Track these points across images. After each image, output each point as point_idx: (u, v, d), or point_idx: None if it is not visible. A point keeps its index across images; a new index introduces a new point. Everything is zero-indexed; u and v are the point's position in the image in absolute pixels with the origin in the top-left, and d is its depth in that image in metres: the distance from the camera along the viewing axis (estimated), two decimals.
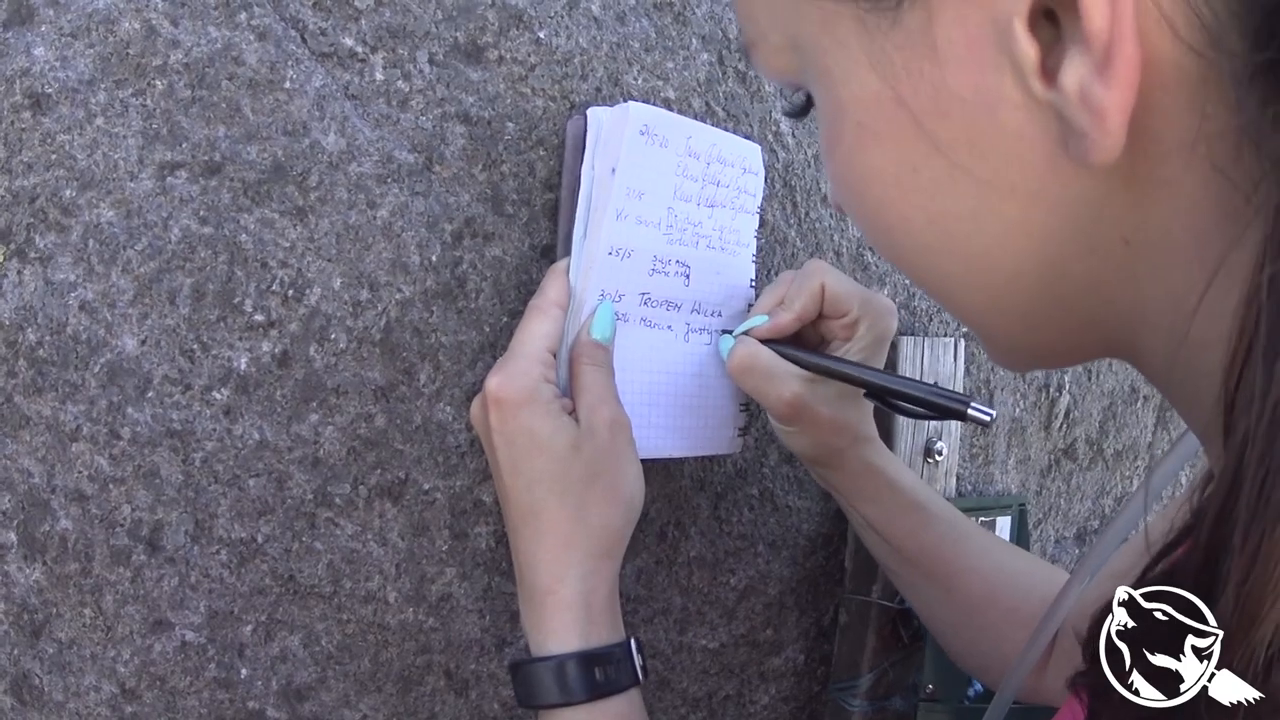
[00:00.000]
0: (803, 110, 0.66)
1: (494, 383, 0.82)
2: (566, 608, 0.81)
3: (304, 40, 0.82)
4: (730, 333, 0.98)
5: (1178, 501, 0.82)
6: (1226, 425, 0.44)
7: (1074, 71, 0.46)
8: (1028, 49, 0.47)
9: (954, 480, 1.23)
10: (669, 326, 0.94)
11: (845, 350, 0.96)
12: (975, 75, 0.50)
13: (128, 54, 0.77)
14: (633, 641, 0.84)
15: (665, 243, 0.91)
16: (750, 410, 1.04)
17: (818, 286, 0.95)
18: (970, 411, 0.89)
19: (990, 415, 0.89)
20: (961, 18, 0.49)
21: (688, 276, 0.94)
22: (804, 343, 0.97)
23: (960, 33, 0.49)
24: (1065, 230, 0.53)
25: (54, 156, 0.75)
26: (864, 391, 0.96)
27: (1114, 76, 0.45)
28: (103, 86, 0.76)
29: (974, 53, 0.49)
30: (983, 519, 1.26)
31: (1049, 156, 0.50)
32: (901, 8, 0.51)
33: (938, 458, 1.18)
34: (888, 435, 1.14)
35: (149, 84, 0.77)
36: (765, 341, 0.96)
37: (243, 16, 0.79)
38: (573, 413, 0.85)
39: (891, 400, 0.95)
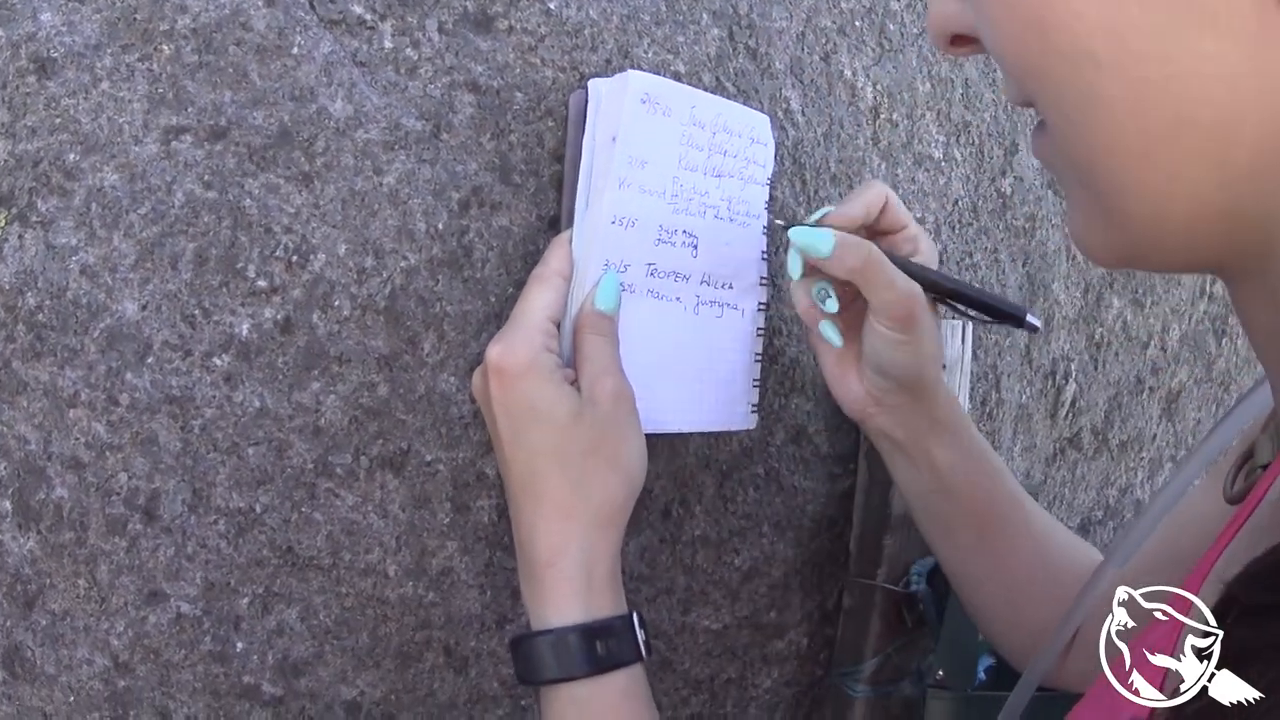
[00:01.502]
0: None
1: (495, 352, 0.82)
2: (566, 580, 0.81)
3: (312, 6, 0.81)
4: (792, 226, 0.94)
5: (1203, 487, 0.80)
6: None
7: None
8: None
9: None
10: (678, 298, 0.94)
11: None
12: None
13: (135, 19, 0.77)
14: (635, 616, 0.83)
15: (671, 212, 0.91)
16: (762, 386, 1.03)
17: (880, 194, 0.93)
18: (1027, 319, 0.94)
19: (1039, 324, 0.93)
20: None
21: (695, 247, 0.94)
22: None
23: None
24: (1253, 86, 0.49)
25: (58, 121, 0.75)
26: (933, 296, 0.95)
27: None
28: (109, 51, 0.76)
29: None
30: None
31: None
32: None
33: None
34: None
35: (155, 49, 0.77)
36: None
37: None
38: (575, 383, 0.85)
39: (957, 304, 0.97)
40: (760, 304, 1.00)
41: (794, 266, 0.94)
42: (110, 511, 0.79)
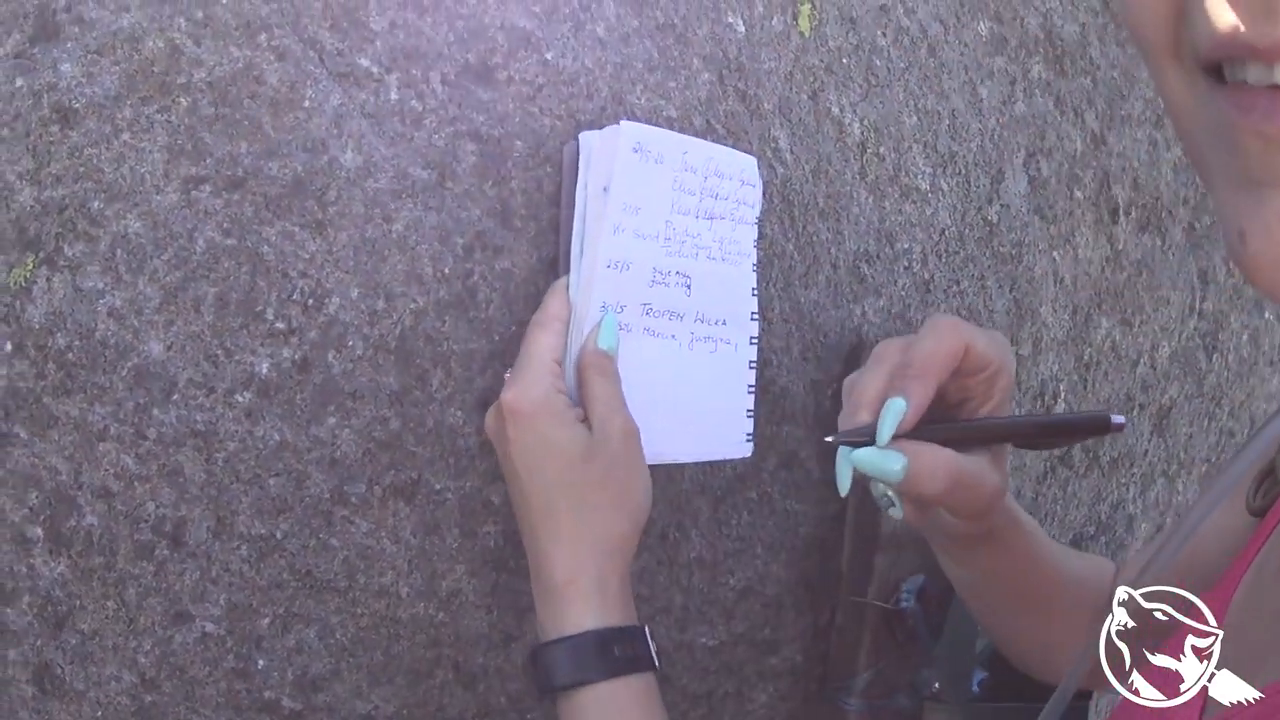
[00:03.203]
0: None
1: (510, 396, 0.85)
2: (583, 595, 0.84)
3: (322, 60, 0.84)
4: (853, 442, 0.83)
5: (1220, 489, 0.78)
6: None
7: None
8: None
9: None
10: (673, 336, 0.97)
11: (994, 406, 0.88)
12: None
13: (152, 71, 0.79)
14: (646, 629, 0.86)
15: (664, 255, 0.94)
16: (755, 415, 1.05)
17: (958, 348, 0.84)
18: (1113, 420, 0.86)
19: (1122, 420, 0.86)
20: None
21: (689, 287, 0.96)
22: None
23: None
24: None
25: (82, 169, 0.78)
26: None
27: None
28: (128, 103, 0.79)
29: None
30: None
31: None
32: None
33: None
34: None
35: (173, 101, 0.80)
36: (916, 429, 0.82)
37: (263, 37, 0.82)
38: (583, 421, 0.88)
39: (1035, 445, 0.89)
40: (752, 338, 1.02)
41: (844, 482, 0.86)
42: (138, 538, 0.82)
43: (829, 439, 0.84)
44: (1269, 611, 0.59)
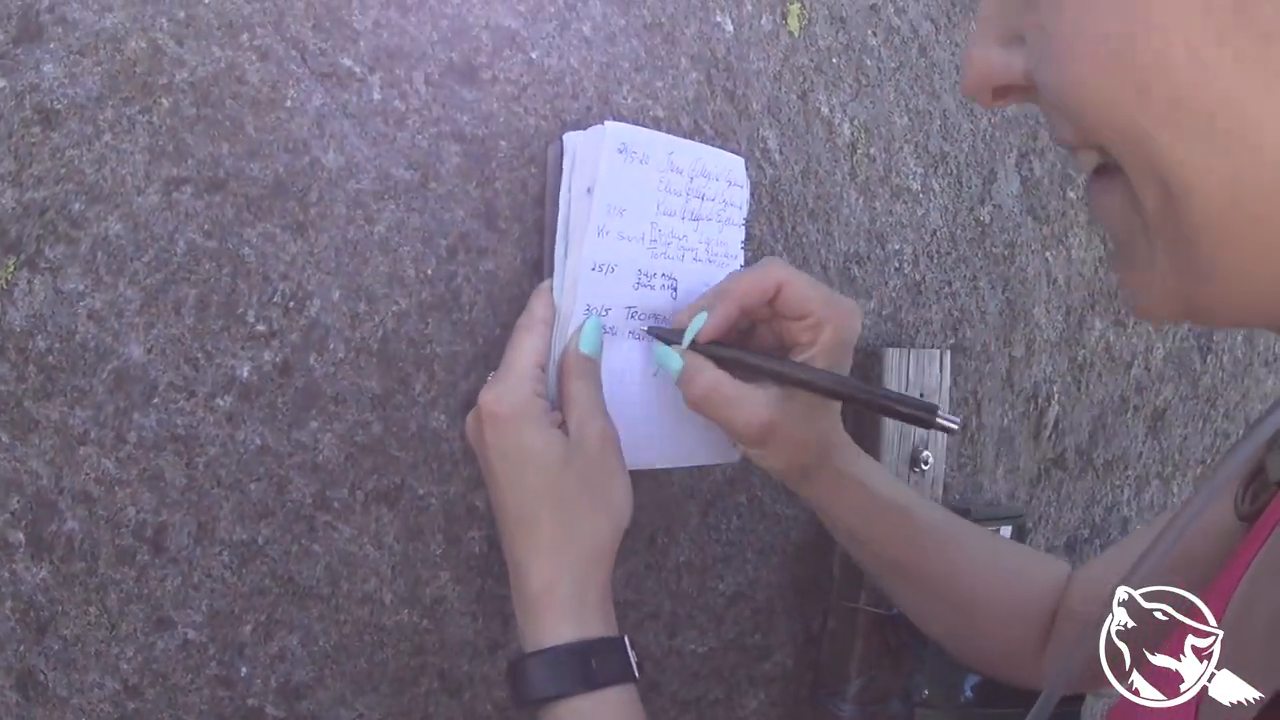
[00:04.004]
0: None
1: (488, 399, 0.85)
2: (560, 605, 0.84)
3: (304, 60, 0.84)
4: (667, 342, 0.94)
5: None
6: None
7: None
8: None
9: (941, 490, 1.24)
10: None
11: (810, 356, 0.92)
12: None
13: (134, 72, 0.79)
14: (626, 640, 0.85)
15: (650, 257, 0.93)
16: None
17: (769, 281, 0.91)
18: (938, 420, 0.87)
19: (955, 424, 0.87)
20: None
21: (675, 290, 0.96)
22: (762, 348, 0.96)
23: None
24: None
25: (63, 170, 0.77)
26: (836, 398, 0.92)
27: None
28: (110, 104, 0.78)
29: None
30: None
31: None
32: None
33: (924, 467, 1.20)
34: (874, 445, 1.15)
35: (155, 102, 0.79)
36: (720, 347, 0.91)
37: (245, 37, 0.82)
38: (562, 425, 0.87)
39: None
40: None
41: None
42: (119, 543, 0.81)
43: (650, 327, 0.96)
44: (1269, 617, 0.58)
